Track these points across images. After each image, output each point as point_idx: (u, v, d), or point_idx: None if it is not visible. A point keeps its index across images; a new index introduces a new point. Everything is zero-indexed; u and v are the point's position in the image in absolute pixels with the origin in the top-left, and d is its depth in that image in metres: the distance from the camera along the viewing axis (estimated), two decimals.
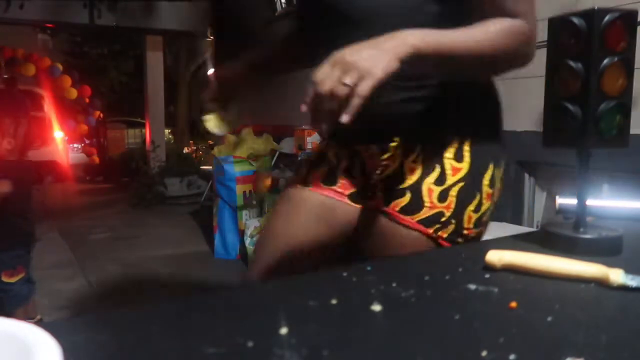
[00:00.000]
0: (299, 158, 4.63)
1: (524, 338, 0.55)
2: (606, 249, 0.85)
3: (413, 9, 1.00)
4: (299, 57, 1.26)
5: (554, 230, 0.90)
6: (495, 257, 0.76)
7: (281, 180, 4.73)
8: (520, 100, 3.38)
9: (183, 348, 0.52)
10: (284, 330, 0.55)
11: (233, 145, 4.71)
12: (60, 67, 9.17)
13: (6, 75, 8.27)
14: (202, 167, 8.01)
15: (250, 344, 0.52)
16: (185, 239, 5.37)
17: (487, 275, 0.75)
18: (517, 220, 3.46)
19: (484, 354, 0.50)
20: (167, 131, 11.65)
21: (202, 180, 7.68)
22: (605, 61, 0.84)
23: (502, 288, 0.70)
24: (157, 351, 0.52)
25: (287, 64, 1.41)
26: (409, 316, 0.62)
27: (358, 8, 1.02)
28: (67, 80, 8.99)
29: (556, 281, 0.72)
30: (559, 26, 0.89)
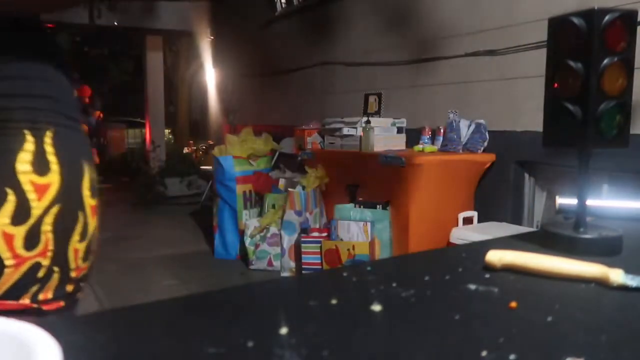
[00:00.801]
0: (299, 158, 4.64)
1: (524, 338, 0.55)
2: (606, 249, 0.85)
3: None
4: None
5: (554, 230, 0.90)
6: (495, 257, 0.76)
7: (281, 180, 4.74)
8: (520, 100, 3.38)
9: (183, 348, 0.52)
10: (284, 330, 0.55)
11: (233, 145, 4.71)
12: None
13: None
14: (202, 167, 8.02)
15: (250, 344, 0.52)
16: (185, 239, 5.37)
17: (487, 275, 0.75)
18: (517, 220, 3.46)
19: (484, 354, 0.50)
20: (167, 131, 11.67)
21: (202, 180, 7.68)
22: (605, 61, 0.84)
23: (502, 288, 0.70)
24: (157, 351, 0.52)
25: None
26: (409, 316, 0.62)
27: None
28: None
29: (556, 281, 0.72)
30: (559, 26, 0.89)
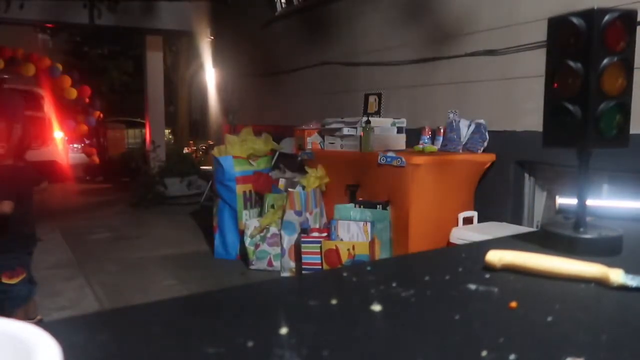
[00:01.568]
0: (299, 158, 4.64)
1: (524, 338, 0.55)
2: (606, 249, 0.85)
3: None
4: None
5: (554, 230, 0.90)
6: (495, 257, 0.76)
7: (281, 180, 4.73)
8: (520, 100, 3.38)
9: (183, 348, 0.52)
10: (284, 330, 0.55)
11: (233, 145, 4.70)
12: (60, 67, 9.17)
13: None
14: (202, 167, 8.02)
15: (250, 344, 0.52)
16: (185, 239, 5.37)
17: (487, 275, 0.75)
18: (517, 220, 3.46)
19: (484, 354, 0.50)
20: (167, 131, 11.66)
21: (202, 180, 7.68)
22: (605, 61, 0.84)
23: (502, 288, 0.70)
24: (157, 351, 0.52)
25: None
26: (409, 316, 0.62)
27: None
28: (67, 80, 8.99)
29: (556, 281, 0.72)
30: (558, 26, 0.89)
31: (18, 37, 9.41)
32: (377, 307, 0.62)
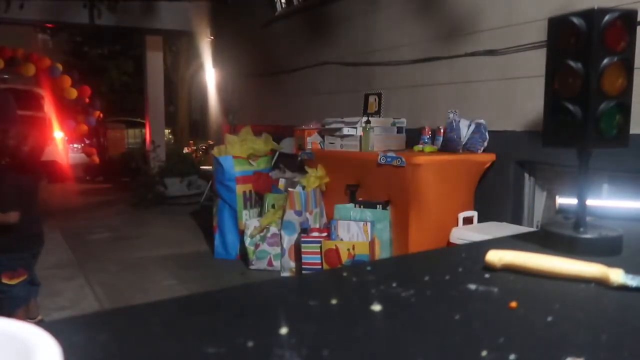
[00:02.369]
0: (299, 158, 4.64)
1: (524, 338, 0.55)
2: (606, 249, 0.85)
3: None
4: None
5: (554, 230, 0.90)
6: (495, 257, 0.76)
7: (281, 180, 4.73)
8: (520, 100, 3.38)
9: (183, 348, 0.52)
10: (284, 330, 0.55)
11: (233, 145, 4.70)
12: (60, 67, 9.18)
13: None
14: (202, 167, 8.02)
15: (250, 344, 0.52)
16: (185, 239, 5.37)
17: (487, 275, 0.75)
18: (517, 220, 3.45)
19: (484, 354, 0.50)
20: (167, 131, 11.66)
21: (202, 180, 7.68)
22: (605, 61, 0.84)
23: (502, 288, 0.70)
24: (157, 351, 0.52)
25: None
26: (409, 316, 0.62)
27: None
28: (67, 80, 8.99)
29: (556, 281, 0.72)
30: (559, 26, 0.89)
31: (18, 37, 9.42)
32: (377, 307, 0.62)
